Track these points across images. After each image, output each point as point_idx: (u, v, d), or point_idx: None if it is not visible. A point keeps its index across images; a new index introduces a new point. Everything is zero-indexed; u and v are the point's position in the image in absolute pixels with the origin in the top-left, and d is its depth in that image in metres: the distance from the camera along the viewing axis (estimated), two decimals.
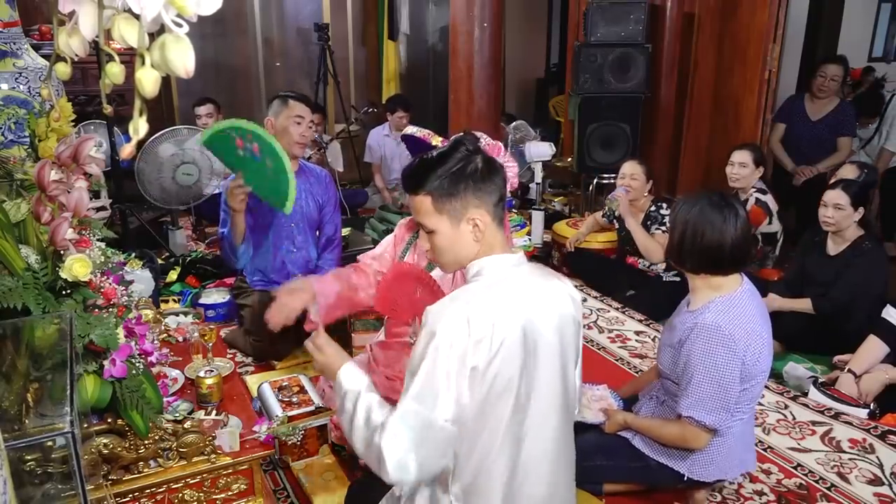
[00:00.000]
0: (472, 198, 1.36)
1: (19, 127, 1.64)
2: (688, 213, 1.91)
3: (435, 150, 1.42)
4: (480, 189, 1.37)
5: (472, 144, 1.40)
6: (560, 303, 1.41)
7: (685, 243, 1.91)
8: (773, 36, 4.13)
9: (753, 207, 3.51)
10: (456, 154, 1.38)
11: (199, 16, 0.69)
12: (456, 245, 1.40)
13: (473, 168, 1.36)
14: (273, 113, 2.93)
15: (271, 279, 3.02)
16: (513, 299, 1.33)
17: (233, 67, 6.26)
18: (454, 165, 1.37)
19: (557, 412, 1.39)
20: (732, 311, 1.85)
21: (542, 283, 1.41)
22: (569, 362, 1.42)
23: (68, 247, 1.43)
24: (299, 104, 2.92)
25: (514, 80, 7.40)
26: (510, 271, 1.38)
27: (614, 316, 3.62)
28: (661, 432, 1.98)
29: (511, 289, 1.35)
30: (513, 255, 1.41)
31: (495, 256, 1.39)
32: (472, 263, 1.41)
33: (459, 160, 1.37)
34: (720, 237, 1.85)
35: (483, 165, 1.37)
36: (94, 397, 1.45)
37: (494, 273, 1.38)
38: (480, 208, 1.37)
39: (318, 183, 3.11)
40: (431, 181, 1.37)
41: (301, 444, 2.24)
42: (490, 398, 1.29)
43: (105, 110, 0.88)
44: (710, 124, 4.66)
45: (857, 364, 2.73)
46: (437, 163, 1.38)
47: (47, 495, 0.99)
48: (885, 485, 2.26)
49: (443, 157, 1.38)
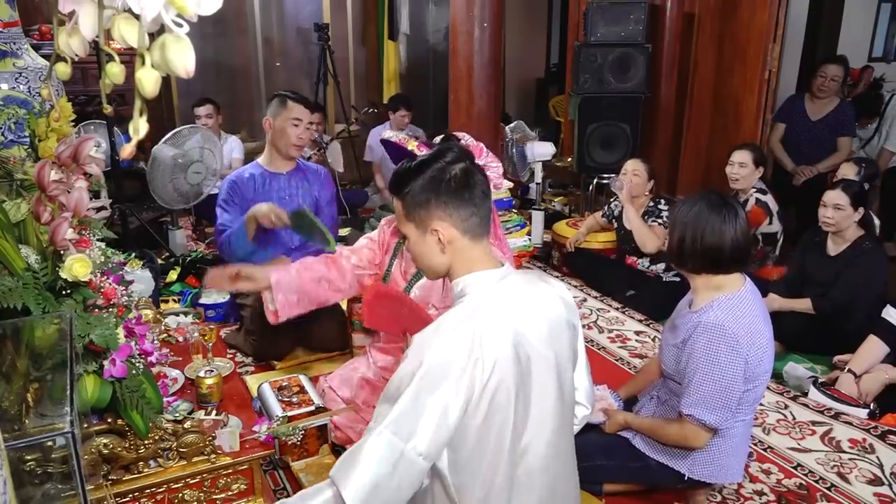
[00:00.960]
0: (437, 210, 1.34)
1: (19, 127, 1.64)
2: (687, 215, 1.91)
3: (418, 156, 1.41)
4: (447, 203, 1.33)
5: (454, 155, 1.37)
6: (550, 310, 1.38)
7: (685, 244, 1.91)
8: (773, 36, 4.13)
9: (754, 207, 3.51)
10: (435, 164, 1.36)
11: (199, 16, 0.69)
12: (425, 254, 1.39)
13: (446, 180, 1.33)
14: (271, 113, 2.93)
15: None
16: (500, 318, 1.30)
17: (233, 67, 6.27)
18: (428, 175, 1.35)
19: (553, 419, 1.37)
20: (736, 310, 1.85)
21: (529, 294, 1.37)
22: (564, 370, 1.40)
23: (68, 247, 1.43)
24: (298, 106, 2.91)
25: (514, 80, 7.40)
26: (494, 288, 1.35)
27: (614, 316, 3.62)
28: (662, 431, 1.98)
29: (497, 307, 1.32)
30: (496, 270, 1.37)
31: (477, 273, 1.36)
32: (456, 281, 1.38)
33: (435, 170, 1.35)
34: (720, 238, 1.85)
35: (459, 179, 1.34)
36: (94, 397, 1.45)
37: (478, 292, 1.34)
38: (444, 220, 1.34)
39: (315, 181, 3.11)
40: (404, 187, 1.37)
41: (301, 444, 2.24)
42: (488, 419, 1.26)
43: (105, 110, 0.88)
44: (710, 124, 4.66)
45: (857, 364, 2.73)
46: (414, 170, 1.37)
47: (47, 495, 0.99)
48: (885, 485, 2.26)
49: (421, 166, 1.37)
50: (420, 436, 1.20)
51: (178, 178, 4.01)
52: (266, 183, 3.00)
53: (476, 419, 1.25)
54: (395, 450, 1.20)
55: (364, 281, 2.37)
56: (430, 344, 1.25)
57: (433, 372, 1.22)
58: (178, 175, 3.99)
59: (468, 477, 1.30)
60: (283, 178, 3.03)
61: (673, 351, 1.98)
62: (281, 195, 3.01)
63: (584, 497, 1.83)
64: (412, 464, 1.21)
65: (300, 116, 2.91)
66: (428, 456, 1.23)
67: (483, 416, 1.26)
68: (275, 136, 2.96)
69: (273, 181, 3.01)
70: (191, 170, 4.04)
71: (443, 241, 1.35)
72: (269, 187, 3.00)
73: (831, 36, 6.31)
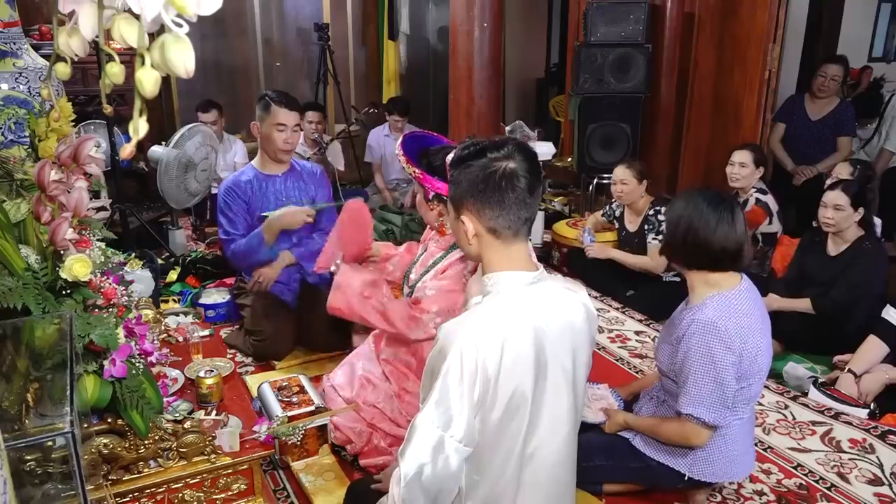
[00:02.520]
0: (467, 203, 1.35)
1: (19, 127, 1.64)
2: (682, 210, 1.91)
3: (484, 142, 1.39)
4: (475, 200, 1.33)
5: (506, 151, 1.33)
6: (576, 320, 1.38)
7: (677, 239, 1.91)
8: (773, 36, 4.13)
9: (754, 207, 3.51)
10: (482, 158, 1.34)
11: (199, 16, 0.69)
12: (457, 236, 1.44)
13: (482, 178, 1.32)
14: (258, 118, 2.91)
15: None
16: (524, 319, 1.31)
17: (233, 67, 6.27)
18: (469, 167, 1.34)
19: (566, 429, 1.39)
20: (728, 308, 1.85)
21: (557, 301, 1.37)
22: (580, 381, 1.41)
23: (68, 247, 1.43)
24: (282, 110, 2.86)
25: (514, 80, 7.39)
26: (524, 290, 1.35)
27: (614, 316, 3.62)
28: (662, 431, 1.98)
29: (523, 307, 1.32)
30: (528, 272, 1.37)
31: (509, 273, 1.36)
32: (487, 275, 1.39)
33: (478, 165, 1.33)
34: (713, 235, 1.85)
35: (495, 179, 1.31)
36: (94, 397, 1.45)
37: (506, 291, 1.35)
38: (472, 215, 1.35)
39: (310, 179, 3.11)
40: (454, 169, 1.39)
41: (301, 444, 2.24)
42: (504, 418, 1.29)
43: (105, 110, 0.88)
44: (710, 124, 4.66)
45: (857, 364, 2.72)
46: (465, 158, 1.36)
47: (47, 495, 0.99)
48: (885, 485, 2.26)
49: (471, 156, 1.36)
50: (456, 424, 1.25)
51: (189, 178, 4.02)
52: (262, 186, 2.99)
53: (495, 413, 1.28)
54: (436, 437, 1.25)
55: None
56: (456, 334, 1.27)
57: (456, 363, 1.24)
58: (188, 174, 4.01)
59: (479, 473, 1.32)
60: (278, 179, 3.02)
61: (667, 348, 1.98)
62: (278, 197, 3.00)
63: (584, 497, 1.83)
64: (455, 451, 1.26)
65: (284, 122, 2.86)
66: (469, 442, 1.27)
67: (500, 414, 1.28)
68: (263, 141, 2.94)
69: (269, 184, 3.00)
70: (199, 167, 4.06)
71: (468, 233, 1.37)
72: (265, 190, 2.99)
73: (831, 36, 6.30)
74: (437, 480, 1.25)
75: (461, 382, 1.24)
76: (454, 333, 1.27)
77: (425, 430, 1.24)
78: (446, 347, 1.26)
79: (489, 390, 1.26)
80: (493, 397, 1.26)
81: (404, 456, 1.25)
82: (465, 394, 1.24)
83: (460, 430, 1.25)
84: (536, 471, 1.36)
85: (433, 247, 2.22)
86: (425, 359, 1.35)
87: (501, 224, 1.34)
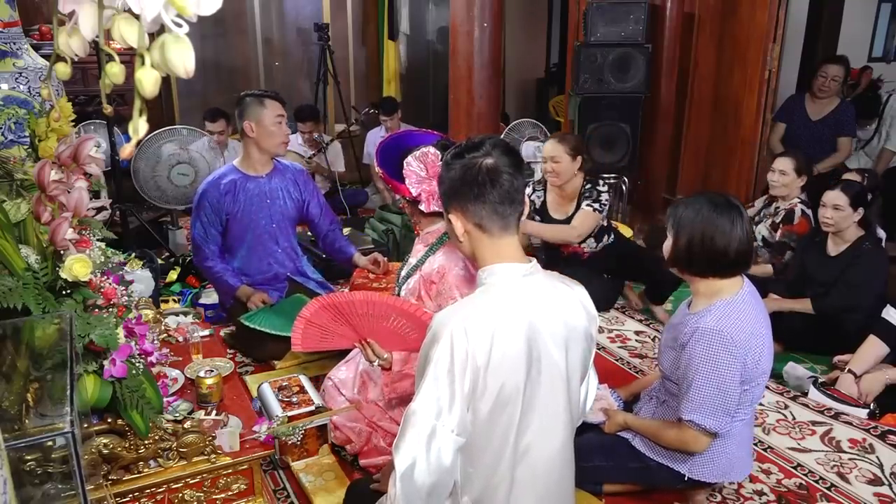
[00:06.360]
0: (453, 202, 1.40)
1: (19, 127, 1.64)
2: (694, 218, 1.87)
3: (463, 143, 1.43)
4: (460, 199, 1.38)
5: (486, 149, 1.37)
6: (570, 315, 1.39)
7: (693, 249, 1.87)
8: (773, 36, 4.13)
9: (801, 220, 3.40)
10: (462, 159, 1.38)
11: (199, 16, 0.69)
12: (451, 233, 1.45)
13: (462, 177, 1.36)
14: (252, 116, 2.86)
15: (256, 280, 3.04)
16: (517, 310, 1.31)
17: (233, 67, 6.27)
18: (452, 167, 1.39)
19: (561, 427, 1.39)
20: (734, 315, 1.84)
21: (551, 294, 1.38)
22: (573, 380, 1.40)
23: (68, 247, 1.43)
24: (275, 102, 2.88)
25: (514, 80, 7.39)
26: (518, 281, 1.36)
27: (614, 316, 3.62)
28: (661, 435, 1.97)
29: (516, 300, 1.33)
30: (522, 264, 1.38)
31: (503, 265, 1.37)
32: (481, 269, 1.41)
33: (460, 165, 1.38)
34: (729, 241, 1.83)
35: (478, 177, 1.35)
36: (94, 397, 1.45)
37: (500, 283, 1.36)
38: (459, 213, 1.39)
39: (293, 180, 3.08)
40: (441, 171, 1.44)
41: (301, 444, 2.24)
42: (495, 410, 1.29)
43: (105, 110, 0.88)
44: (710, 124, 4.66)
45: (857, 364, 2.73)
46: (449, 160, 1.42)
47: (47, 495, 0.99)
48: (885, 485, 2.26)
49: (454, 157, 1.41)
50: (447, 413, 1.25)
51: (160, 175, 4.01)
52: (245, 187, 2.96)
53: (485, 405, 1.28)
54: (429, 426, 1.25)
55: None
56: (447, 322, 1.28)
57: (445, 351, 1.25)
58: (160, 172, 4.00)
59: (472, 465, 1.32)
60: (262, 180, 2.99)
61: (671, 353, 1.98)
62: (262, 198, 2.98)
63: (584, 497, 1.83)
64: (447, 440, 1.26)
65: (282, 112, 2.90)
66: (462, 431, 1.28)
67: (491, 405, 1.28)
68: (261, 137, 2.90)
69: (252, 184, 2.97)
70: (175, 170, 4.04)
71: (458, 232, 1.40)
72: (248, 191, 2.96)
73: (831, 36, 6.30)
74: (431, 473, 1.25)
75: (451, 371, 1.25)
76: (447, 321, 1.29)
77: (417, 421, 1.25)
78: (438, 335, 1.27)
79: (479, 379, 1.26)
80: (482, 387, 1.27)
81: (398, 450, 1.25)
82: (456, 382, 1.25)
83: (453, 419, 1.25)
84: (531, 467, 1.36)
85: (419, 244, 2.23)
86: None
87: (487, 219, 1.37)
